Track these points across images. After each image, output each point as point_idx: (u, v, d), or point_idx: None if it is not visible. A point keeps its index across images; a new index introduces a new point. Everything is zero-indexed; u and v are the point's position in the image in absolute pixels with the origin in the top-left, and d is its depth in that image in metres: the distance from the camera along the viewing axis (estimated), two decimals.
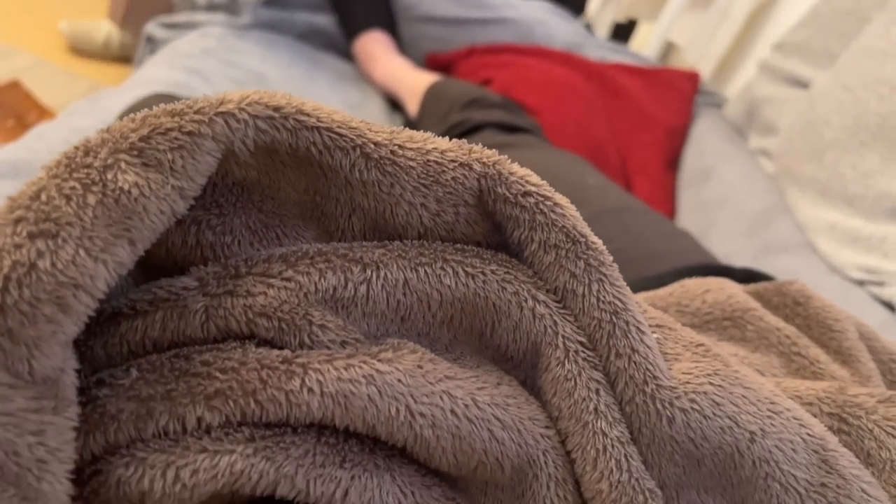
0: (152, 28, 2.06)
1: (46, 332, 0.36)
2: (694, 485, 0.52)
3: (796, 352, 0.67)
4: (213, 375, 0.41)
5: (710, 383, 0.51)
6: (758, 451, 0.51)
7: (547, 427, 0.50)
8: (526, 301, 0.49)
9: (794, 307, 0.72)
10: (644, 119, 1.97)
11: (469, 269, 0.49)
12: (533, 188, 0.49)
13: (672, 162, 1.99)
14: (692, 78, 2.17)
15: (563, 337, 0.50)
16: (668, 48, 3.10)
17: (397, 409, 0.43)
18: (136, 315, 0.44)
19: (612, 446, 0.48)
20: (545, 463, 0.49)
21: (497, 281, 0.49)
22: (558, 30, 2.27)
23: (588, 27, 2.81)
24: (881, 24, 1.56)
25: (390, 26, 2.08)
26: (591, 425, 0.49)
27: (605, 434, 0.49)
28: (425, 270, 0.48)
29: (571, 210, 0.51)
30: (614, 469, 0.48)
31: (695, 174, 1.88)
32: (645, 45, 3.04)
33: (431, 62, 2.18)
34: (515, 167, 0.50)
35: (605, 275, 0.50)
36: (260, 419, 0.42)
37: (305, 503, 0.44)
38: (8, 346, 0.35)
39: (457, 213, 0.50)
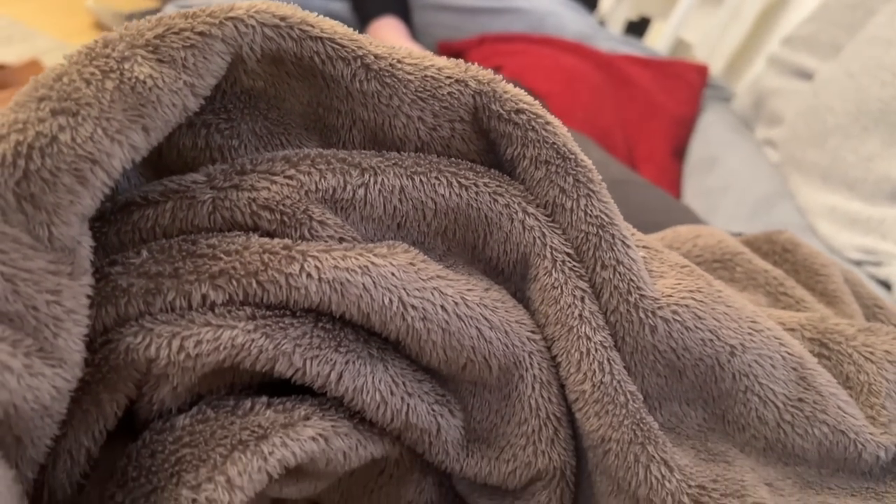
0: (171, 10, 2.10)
1: (65, 201, 0.39)
2: (676, 396, 0.55)
3: (783, 292, 0.69)
4: (218, 256, 0.44)
5: (693, 298, 0.53)
6: (738, 365, 0.53)
7: (533, 332, 0.52)
8: (516, 213, 0.52)
9: (783, 254, 0.74)
10: (652, 109, 1.99)
11: (462, 181, 0.52)
12: (526, 106, 0.52)
13: (678, 151, 2.00)
14: (701, 70, 2.19)
15: (551, 248, 0.52)
16: (680, 46, 3.12)
17: (390, 300, 0.46)
18: (147, 205, 0.47)
19: (596, 350, 0.51)
20: (531, 364, 0.51)
21: (489, 193, 0.52)
22: (570, 21, 2.30)
23: (601, 24, 2.84)
24: (886, 15, 1.58)
25: (404, 13, 2.11)
26: (575, 329, 0.51)
27: (588, 338, 0.51)
28: (420, 179, 0.51)
29: (562, 129, 0.53)
30: (597, 370, 0.50)
31: (700, 163, 1.90)
32: (656, 43, 3.06)
33: (444, 49, 2.21)
34: (510, 87, 0.52)
35: (593, 191, 0.53)
36: (261, 300, 0.44)
37: (303, 386, 0.46)
38: (30, 211, 0.38)
39: (452, 129, 0.53)
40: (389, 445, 0.50)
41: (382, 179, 0.50)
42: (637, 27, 3.27)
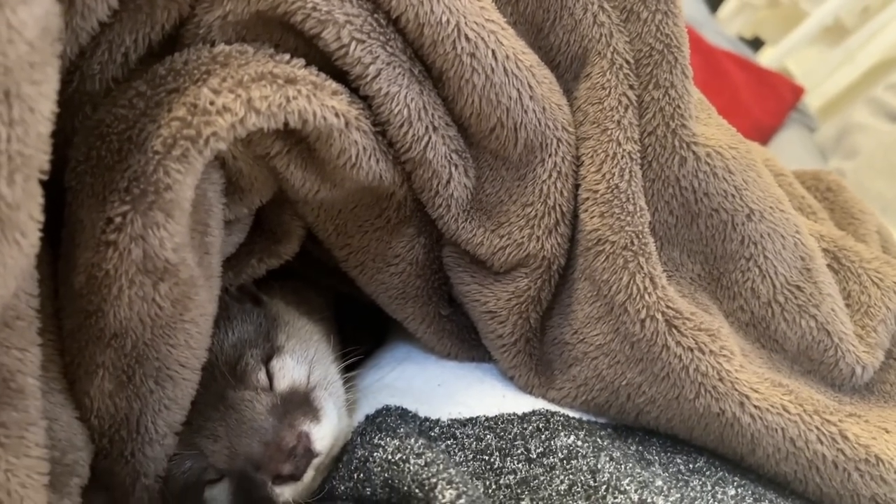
0: None
1: None
2: (680, 243, 0.55)
3: (814, 220, 0.68)
4: None
5: (730, 151, 0.53)
6: (750, 231, 0.53)
7: (569, 124, 0.52)
8: (592, 4, 0.52)
9: (826, 192, 0.73)
10: (736, 106, 1.96)
11: None
12: None
13: None
14: (796, 90, 2.14)
15: (614, 50, 0.52)
16: (783, 73, 3.04)
17: (447, 20, 0.46)
18: None
19: (622, 157, 0.51)
20: (556, 151, 0.51)
21: None
22: (683, 4, 2.26)
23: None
24: None
25: None
26: (609, 132, 0.51)
27: (619, 144, 0.51)
28: None
29: None
30: (616, 175, 0.51)
31: None
32: (761, 63, 2.99)
33: None
34: None
35: (672, 12, 0.52)
36: None
37: (340, 77, 0.47)
38: None
39: None
40: (399, 179, 0.51)
41: None
42: (748, 46, 3.20)
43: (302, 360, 0.55)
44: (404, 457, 0.47)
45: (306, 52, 0.47)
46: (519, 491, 0.49)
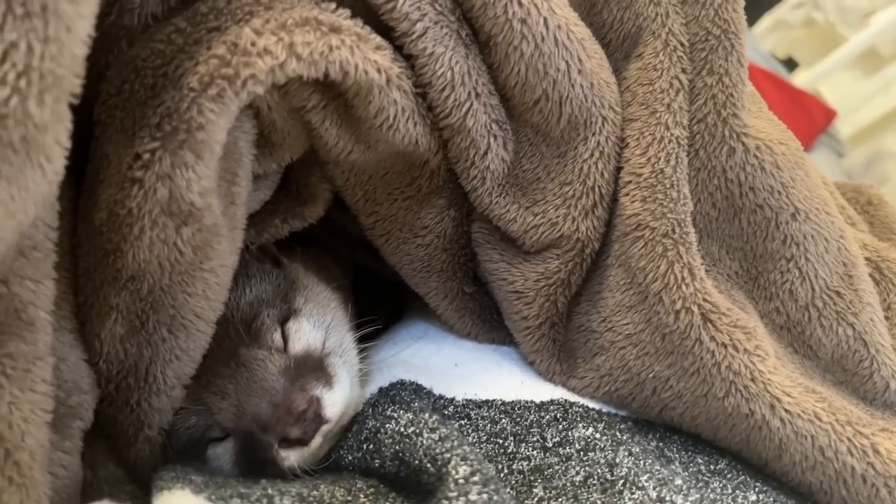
0: None
1: None
2: (720, 237, 0.53)
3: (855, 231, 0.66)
4: None
5: (781, 150, 0.51)
6: (793, 231, 0.51)
7: (616, 103, 0.50)
8: None
9: (866, 205, 0.71)
10: None
11: None
12: None
13: None
14: (829, 113, 2.11)
15: (669, 31, 0.50)
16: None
17: None
18: None
19: (669, 141, 0.49)
20: (600, 130, 0.50)
21: None
22: None
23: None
24: None
25: None
26: (658, 115, 0.49)
27: (667, 128, 0.49)
28: None
29: None
30: (662, 160, 0.49)
31: None
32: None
33: None
34: None
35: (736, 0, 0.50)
36: None
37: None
38: None
39: None
40: (434, 146, 0.49)
41: None
42: (781, 65, 3.17)
43: (319, 324, 0.54)
44: (417, 430, 0.45)
45: (352, 3, 0.45)
46: (532, 478, 0.48)
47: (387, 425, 0.47)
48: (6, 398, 0.38)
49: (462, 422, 0.51)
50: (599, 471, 0.47)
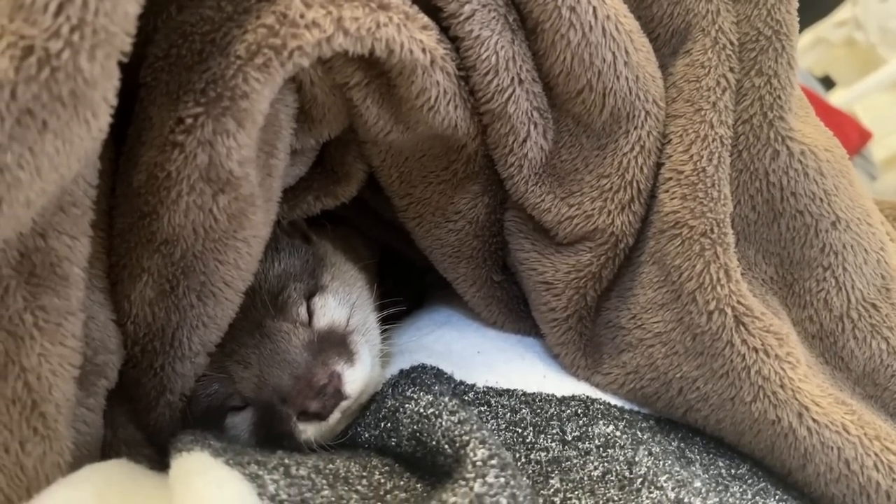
0: None
1: None
2: (756, 242, 0.52)
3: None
4: None
5: (825, 157, 0.50)
6: (833, 240, 0.50)
7: (661, 98, 0.50)
8: None
9: None
10: None
11: None
12: None
13: None
14: (864, 134, 2.08)
15: (720, 29, 0.49)
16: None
17: None
18: None
19: (713, 140, 0.48)
20: (642, 124, 0.49)
21: None
22: None
23: None
24: None
25: None
26: (703, 113, 0.49)
27: (712, 126, 0.48)
28: None
29: None
30: (705, 158, 0.48)
31: None
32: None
33: None
34: None
35: (789, 1, 0.49)
36: None
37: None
38: None
39: None
40: (473, 131, 0.49)
41: None
42: (819, 83, 3.12)
43: (344, 302, 0.54)
44: (437, 412, 0.45)
45: None
46: (549, 469, 0.47)
47: (406, 405, 0.47)
48: (37, 350, 0.38)
49: (482, 408, 0.51)
50: (618, 468, 0.46)
